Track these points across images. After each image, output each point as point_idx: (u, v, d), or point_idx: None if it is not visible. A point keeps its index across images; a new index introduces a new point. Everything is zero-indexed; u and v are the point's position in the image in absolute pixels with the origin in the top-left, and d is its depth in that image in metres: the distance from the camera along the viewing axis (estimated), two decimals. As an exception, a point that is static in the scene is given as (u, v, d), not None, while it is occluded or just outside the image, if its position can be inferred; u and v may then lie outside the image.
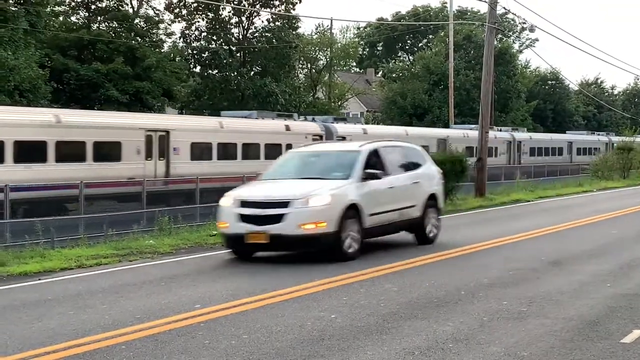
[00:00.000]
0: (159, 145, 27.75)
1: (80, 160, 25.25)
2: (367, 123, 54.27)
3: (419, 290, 12.76)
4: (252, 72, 56.33)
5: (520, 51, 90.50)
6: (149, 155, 27.40)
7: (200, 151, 29.72)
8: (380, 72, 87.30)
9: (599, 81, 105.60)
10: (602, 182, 45.95)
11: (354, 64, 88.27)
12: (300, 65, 67.82)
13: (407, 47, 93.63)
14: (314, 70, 69.98)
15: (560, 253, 17.37)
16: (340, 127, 37.32)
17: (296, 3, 56.49)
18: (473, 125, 48.81)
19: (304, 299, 12.04)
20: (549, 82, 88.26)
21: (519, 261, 16.07)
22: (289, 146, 32.63)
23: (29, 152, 23.89)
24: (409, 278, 14.01)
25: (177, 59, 54.25)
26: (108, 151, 26.32)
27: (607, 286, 13.33)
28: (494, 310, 11.28)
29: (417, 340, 9.53)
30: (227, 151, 30.76)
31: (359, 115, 71.93)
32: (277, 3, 55.84)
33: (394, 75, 76.17)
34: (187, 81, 56.32)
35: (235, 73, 54.02)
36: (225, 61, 53.78)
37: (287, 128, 33.89)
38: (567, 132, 72.55)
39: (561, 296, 12.44)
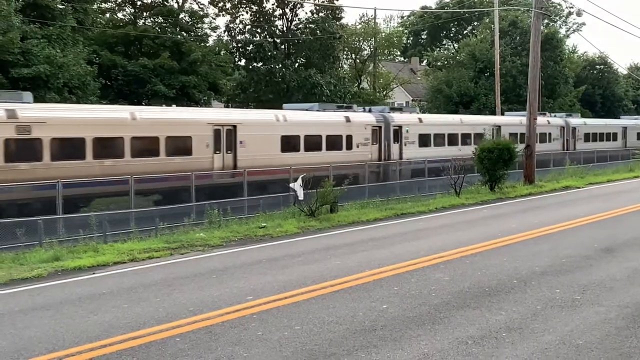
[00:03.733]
0: (226, 139, 28.72)
1: (154, 155, 26.21)
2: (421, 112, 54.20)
3: (471, 280, 12.68)
4: (297, 64, 56.38)
5: (567, 36, 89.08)
6: (217, 148, 28.40)
7: (264, 144, 30.28)
8: (425, 61, 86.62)
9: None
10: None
11: (398, 53, 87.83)
12: (345, 56, 67.69)
13: (451, 35, 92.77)
14: (358, 61, 69.78)
15: (612, 240, 17.12)
16: (397, 117, 37.56)
17: (339, -7, 56.45)
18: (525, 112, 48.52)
19: (354, 290, 12.05)
20: (597, 66, 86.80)
21: (571, 248, 15.88)
22: (349, 137, 33.81)
23: (107, 148, 24.84)
24: (460, 267, 13.93)
25: (222, 52, 54.48)
26: (179, 145, 27.20)
27: (662, 273, 13.11)
28: (547, 299, 11.16)
29: (470, 330, 9.47)
30: (290, 143, 31.34)
31: (404, 105, 71.66)
32: (320, -6, 55.86)
33: (439, 63, 75.56)
34: (233, 74, 56.61)
35: (280, 65, 54.13)
36: (269, 54, 53.92)
37: (347, 119, 34.43)
38: (620, 117, 71.36)
39: (615, 283, 12.26)
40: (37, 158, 22.98)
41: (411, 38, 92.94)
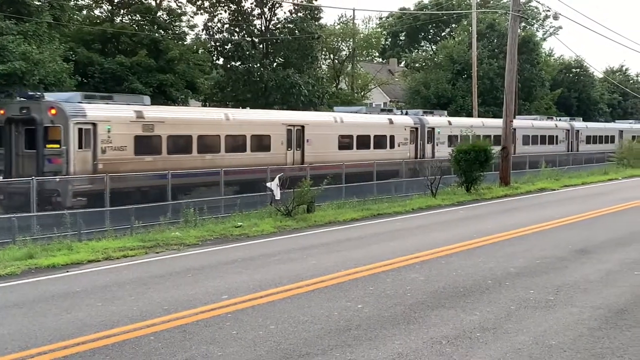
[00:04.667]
0: (296, 137, 32.53)
1: (242, 150, 29.90)
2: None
3: (446, 280, 12.73)
4: (275, 64, 56.21)
5: (544, 39, 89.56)
6: (289, 146, 32.14)
7: (325, 142, 34.01)
8: (403, 62, 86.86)
9: (623, 68, 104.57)
10: (627, 170, 45.56)
11: (377, 54, 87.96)
12: (323, 56, 67.66)
13: (429, 37, 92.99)
14: (336, 61, 69.78)
15: (587, 241, 17.26)
16: (430, 119, 41.48)
17: (318, -7, 56.36)
18: (537, 116, 57.44)
19: (330, 289, 12.06)
20: (573, 70, 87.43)
21: (546, 250, 15.99)
22: (392, 137, 37.89)
23: (207, 144, 28.59)
24: (436, 267, 13.98)
25: (200, 51, 54.17)
26: (261, 143, 30.92)
27: (634, 274, 13.24)
28: (521, 299, 11.23)
29: (444, 330, 9.51)
30: (344, 142, 35.21)
31: (382, 105, 71.89)
32: (299, -6, 55.78)
33: (416, 65, 75.78)
34: (210, 73, 56.35)
35: (258, 65, 53.96)
36: (248, 53, 53.73)
37: (390, 121, 38.38)
38: (616, 121, 75.59)
39: (589, 284, 12.36)
40: (157, 152, 26.67)
41: (389, 39, 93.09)
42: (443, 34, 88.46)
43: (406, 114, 41.79)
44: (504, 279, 12.79)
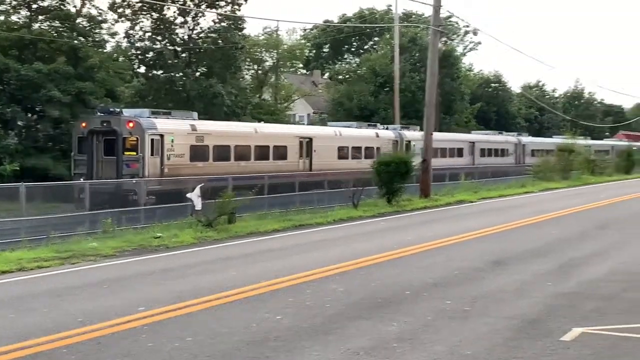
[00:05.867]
0: (306, 148, 38.51)
1: (267, 159, 35.74)
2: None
3: (365, 291, 12.82)
4: (198, 73, 55.75)
5: (464, 54, 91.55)
6: (300, 155, 38.10)
7: (328, 152, 40.17)
8: (327, 74, 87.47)
9: (540, 84, 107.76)
10: (543, 183, 46.71)
11: (301, 65, 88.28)
12: (247, 67, 67.51)
13: (353, 49, 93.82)
14: (260, 72, 69.74)
15: (503, 253, 17.64)
16: (408, 133, 47.62)
17: (242, 4, 56.18)
18: (490, 132, 65.61)
19: (250, 300, 12.01)
20: (492, 84, 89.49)
21: (463, 261, 16.28)
22: (378, 149, 42.87)
23: (241, 153, 34.49)
24: (355, 278, 14.08)
25: (120, 59, 53.38)
26: (280, 152, 36.64)
27: (548, 285, 13.58)
28: (438, 310, 11.39)
29: (362, 341, 9.57)
30: (343, 152, 41.85)
31: (305, 117, 72.22)
32: (222, 4, 55.46)
33: (340, 77, 76.34)
34: (131, 82, 55.60)
35: (181, 74, 53.41)
36: (170, 62, 53.15)
37: (377, 135, 45.03)
38: (553, 136, 77.44)
39: (504, 295, 12.63)
40: (206, 159, 32.39)
41: (313, 51, 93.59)
42: (366, 46, 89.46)
43: (387, 128, 47.77)
44: (422, 290, 12.97)
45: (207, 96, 52.27)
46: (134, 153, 29.54)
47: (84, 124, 31.11)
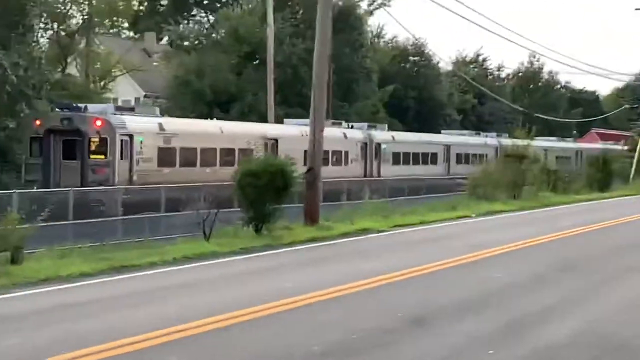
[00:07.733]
0: (271, 149, 45.59)
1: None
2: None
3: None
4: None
5: (371, 12, 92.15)
6: None
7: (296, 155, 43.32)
8: (166, 39, 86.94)
9: (480, 58, 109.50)
10: (483, 204, 47.24)
11: (126, 25, 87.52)
12: (43, 25, 66.48)
13: (205, 2, 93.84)
14: (63, 34, 68.74)
15: (425, 306, 17.88)
16: (378, 134, 58.34)
17: None
18: (466, 132, 75.94)
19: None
20: (411, 58, 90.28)
21: (367, 319, 16.40)
22: (346, 153, 52.71)
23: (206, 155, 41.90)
24: (206, 347, 14.01)
25: None
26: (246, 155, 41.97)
27: (489, 353, 13.82)
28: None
29: None
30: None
31: (133, 101, 71.42)
32: None
33: (186, 43, 75.87)
34: None
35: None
36: None
37: (345, 136, 53.86)
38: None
39: (425, 369, 12.79)
40: (173, 164, 39.15)
41: (146, 3, 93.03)
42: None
43: (352, 127, 57.37)
44: (305, 363, 13.00)
45: (-20, 68, 51.13)
46: (103, 156, 35.16)
47: (38, 122, 37.34)
